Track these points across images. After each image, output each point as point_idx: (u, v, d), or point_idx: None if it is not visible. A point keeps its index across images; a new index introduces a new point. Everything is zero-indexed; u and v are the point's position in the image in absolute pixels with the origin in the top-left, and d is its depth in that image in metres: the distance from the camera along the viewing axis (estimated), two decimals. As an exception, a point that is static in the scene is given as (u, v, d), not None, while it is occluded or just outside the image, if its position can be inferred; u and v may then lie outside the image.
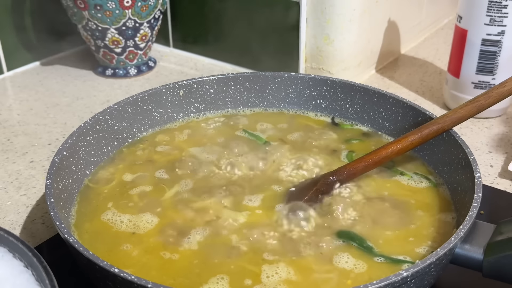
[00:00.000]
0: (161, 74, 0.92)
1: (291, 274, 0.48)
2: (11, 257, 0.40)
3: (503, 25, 0.71)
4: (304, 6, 0.81)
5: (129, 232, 0.53)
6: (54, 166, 0.54)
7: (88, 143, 0.60)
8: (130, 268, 0.48)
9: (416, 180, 0.59)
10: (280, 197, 0.57)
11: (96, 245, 0.51)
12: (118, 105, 0.64)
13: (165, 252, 0.50)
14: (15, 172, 0.68)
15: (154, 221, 0.54)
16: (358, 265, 0.49)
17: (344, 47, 0.83)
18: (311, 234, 0.52)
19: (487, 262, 0.46)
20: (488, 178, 0.67)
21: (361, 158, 0.58)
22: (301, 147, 0.65)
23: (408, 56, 0.98)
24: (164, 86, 0.67)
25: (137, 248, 0.51)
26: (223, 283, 0.47)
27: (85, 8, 0.82)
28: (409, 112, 0.64)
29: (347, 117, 0.69)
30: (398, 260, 0.49)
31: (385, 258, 0.49)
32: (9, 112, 0.82)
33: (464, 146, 0.56)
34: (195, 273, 0.48)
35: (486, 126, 0.77)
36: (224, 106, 0.71)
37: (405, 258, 0.49)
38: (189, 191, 0.58)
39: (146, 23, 0.86)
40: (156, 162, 0.63)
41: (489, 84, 0.75)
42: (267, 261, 0.49)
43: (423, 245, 0.51)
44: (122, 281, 0.42)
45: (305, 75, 0.70)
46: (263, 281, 0.47)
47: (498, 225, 0.48)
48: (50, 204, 0.49)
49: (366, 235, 0.52)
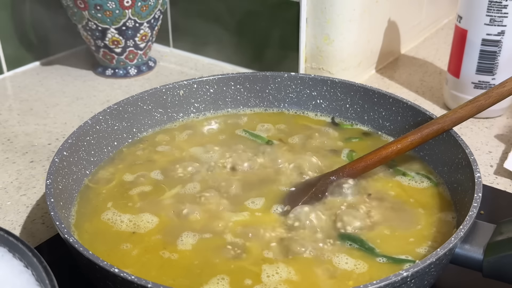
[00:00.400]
0: (161, 74, 0.92)
1: (291, 274, 0.48)
2: (11, 257, 0.40)
3: (503, 25, 0.71)
4: (304, 6, 0.81)
5: (129, 231, 0.53)
6: (54, 166, 0.54)
7: (88, 143, 0.60)
8: (129, 268, 0.48)
9: (417, 180, 0.59)
10: (280, 197, 0.57)
11: (96, 245, 0.51)
12: (118, 105, 0.64)
13: (164, 251, 0.50)
14: (15, 172, 0.68)
15: (154, 220, 0.54)
16: (359, 266, 0.49)
17: (344, 47, 0.83)
18: (312, 234, 0.52)
19: (487, 262, 0.46)
20: (488, 178, 0.67)
21: (361, 158, 0.58)
22: (301, 147, 0.65)
23: (408, 56, 0.98)
24: (164, 86, 0.67)
25: (136, 247, 0.51)
26: (224, 283, 0.47)
27: (85, 8, 0.82)
28: (409, 112, 0.64)
29: (347, 117, 0.69)
30: (400, 260, 0.49)
31: (387, 258, 0.49)
32: (9, 112, 0.82)
33: (464, 146, 0.56)
34: (195, 273, 0.48)
35: (486, 126, 0.77)
36: (224, 106, 0.71)
37: (407, 258, 0.49)
38: (189, 191, 0.58)
39: (146, 23, 0.86)
40: (156, 162, 0.63)
41: (489, 84, 0.75)
42: (268, 261, 0.49)
43: (423, 245, 0.51)
44: (122, 281, 0.42)
45: (305, 75, 0.70)
46: (264, 280, 0.47)
47: (498, 225, 0.48)
48: (50, 204, 0.49)
49: (366, 235, 0.52)
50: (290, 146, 0.65)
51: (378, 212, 0.55)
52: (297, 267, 0.48)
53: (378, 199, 0.56)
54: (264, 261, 0.49)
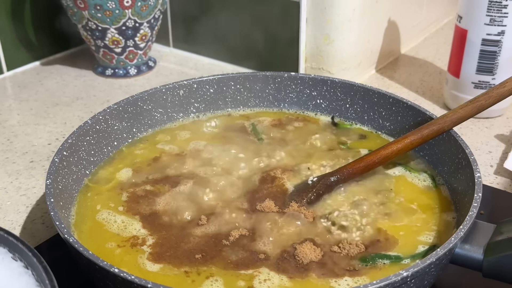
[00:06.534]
0: (161, 74, 0.92)
1: (283, 281, 0.48)
2: (11, 259, 0.40)
3: (503, 25, 0.71)
4: (304, 6, 0.81)
5: (129, 231, 0.53)
6: (54, 166, 0.54)
7: (88, 143, 0.60)
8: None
9: (417, 180, 0.59)
10: (280, 197, 0.57)
11: (95, 245, 0.51)
12: (118, 105, 0.64)
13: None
14: (15, 172, 0.68)
15: (154, 220, 0.54)
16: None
17: (344, 47, 0.83)
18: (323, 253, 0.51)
19: (487, 262, 0.46)
20: (488, 178, 0.67)
21: (361, 158, 0.58)
22: (301, 147, 0.65)
23: (408, 56, 0.98)
24: (164, 86, 0.67)
25: (134, 249, 0.51)
26: (218, 285, 0.47)
27: (85, 8, 0.82)
28: (409, 112, 0.64)
29: (347, 117, 0.69)
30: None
31: (410, 258, 0.49)
32: (9, 112, 0.82)
33: (464, 146, 0.56)
34: (190, 276, 0.48)
35: (486, 126, 0.77)
36: (224, 106, 0.71)
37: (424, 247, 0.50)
38: (189, 191, 0.58)
39: (146, 23, 0.86)
40: (156, 162, 0.63)
41: (489, 84, 0.75)
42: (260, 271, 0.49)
43: (423, 245, 0.51)
44: (122, 281, 0.42)
45: (305, 75, 0.70)
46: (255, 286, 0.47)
47: (498, 225, 0.48)
48: (50, 204, 0.49)
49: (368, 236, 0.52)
50: (290, 146, 0.65)
51: (378, 213, 0.55)
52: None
53: (378, 199, 0.56)
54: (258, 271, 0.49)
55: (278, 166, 0.61)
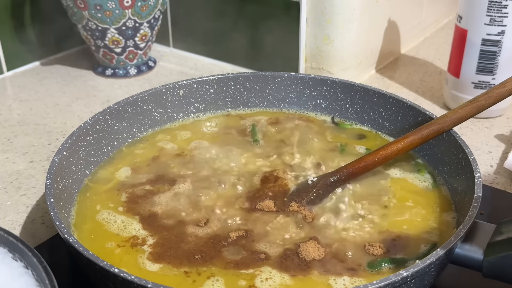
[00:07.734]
0: (161, 74, 0.92)
1: (285, 279, 0.48)
2: (11, 259, 0.40)
3: (503, 25, 0.71)
4: (304, 6, 0.81)
5: (129, 231, 0.53)
6: (54, 166, 0.54)
7: (88, 143, 0.60)
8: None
9: (417, 180, 0.59)
10: (280, 197, 0.57)
11: (95, 244, 0.51)
12: (118, 105, 0.64)
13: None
14: (15, 172, 0.68)
15: (154, 220, 0.54)
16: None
17: (344, 47, 0.83)
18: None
19: (487, 262, 0.46)
20: (488, 178, 0.67)
21: (361, 158, 0.58)
22: (301, 147, 0.65)
23: (408, 56, 0.98)
24: (164, 86, 0.67)
25: (134, 249, 0.51)
26: (218, 285, 0.47)
27: (85, 8, 0.82)
28: (409, 112, 0.64)
29: (347, 117, 0.69)
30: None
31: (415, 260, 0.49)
32: (9, 112, 0.82)
33: (464, 146, 0.56)
34: (190, 276, 0.48)
35: (486, 126, 0.77)
36: (224, 106, 0.71)
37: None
38: (189, 190, 0.58)
39: (146, 23, 0.86)
40: (156, 162, 0.63)
41: (489, 84, 0.75)
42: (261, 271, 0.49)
43: (423, 244, 0.51)
44: (122, 281, 0.42)
45: (305, 75, 0.70)
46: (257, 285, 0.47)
47: (498, 225, 0.48)
48: (50, 204, 0.49)
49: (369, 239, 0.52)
50: (290, 146, 0.65)
51: (378, 213, 0.55)
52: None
53: (377, 200, 0.56)
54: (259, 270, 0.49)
55: (278, 166, 0.61)
